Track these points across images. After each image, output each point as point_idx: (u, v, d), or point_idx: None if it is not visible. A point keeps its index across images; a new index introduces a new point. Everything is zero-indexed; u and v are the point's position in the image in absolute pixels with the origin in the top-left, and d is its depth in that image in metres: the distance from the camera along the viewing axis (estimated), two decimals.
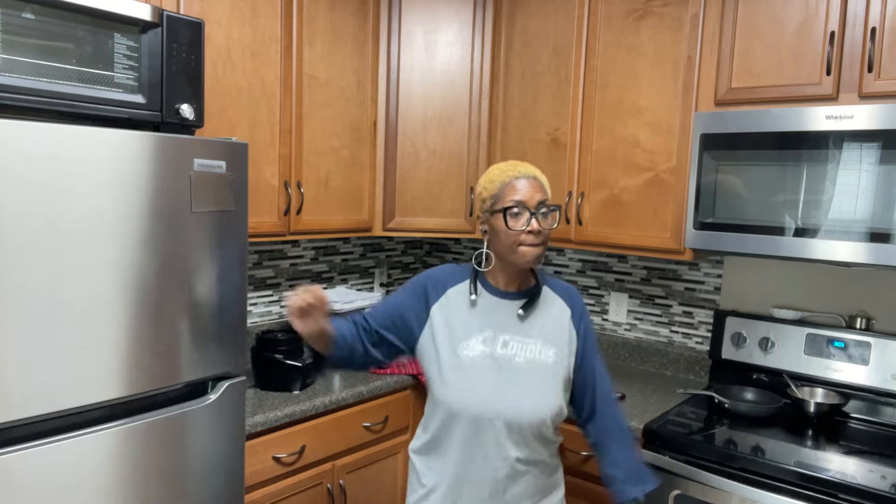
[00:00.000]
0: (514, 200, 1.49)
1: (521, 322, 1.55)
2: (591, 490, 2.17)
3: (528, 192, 1.49)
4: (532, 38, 2.60)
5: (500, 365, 1.50)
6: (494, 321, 1.55)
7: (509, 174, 1.53)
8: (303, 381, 2.23)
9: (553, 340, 1.55)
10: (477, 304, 1.57)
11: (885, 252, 1.81)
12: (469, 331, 1.53)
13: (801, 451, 1.90)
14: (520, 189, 1.50)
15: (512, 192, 1.50)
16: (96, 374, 1.50)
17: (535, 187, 1.51)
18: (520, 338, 1.54)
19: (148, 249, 1.57)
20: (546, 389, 1.50)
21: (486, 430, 1.48)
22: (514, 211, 1.48)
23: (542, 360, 1.52)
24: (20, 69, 1.43)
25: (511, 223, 1.48)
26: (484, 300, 1.57)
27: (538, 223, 1.48)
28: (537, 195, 1.50)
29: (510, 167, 1.54)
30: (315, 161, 2.43)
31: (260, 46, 2.19)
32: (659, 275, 2.71)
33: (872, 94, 1.90)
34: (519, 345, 1.53)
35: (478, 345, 1.52)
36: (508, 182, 1.51)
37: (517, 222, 1.48)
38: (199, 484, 1.73)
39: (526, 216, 1.48)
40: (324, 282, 2.94)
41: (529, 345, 1.53)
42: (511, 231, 1.48)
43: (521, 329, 1.55)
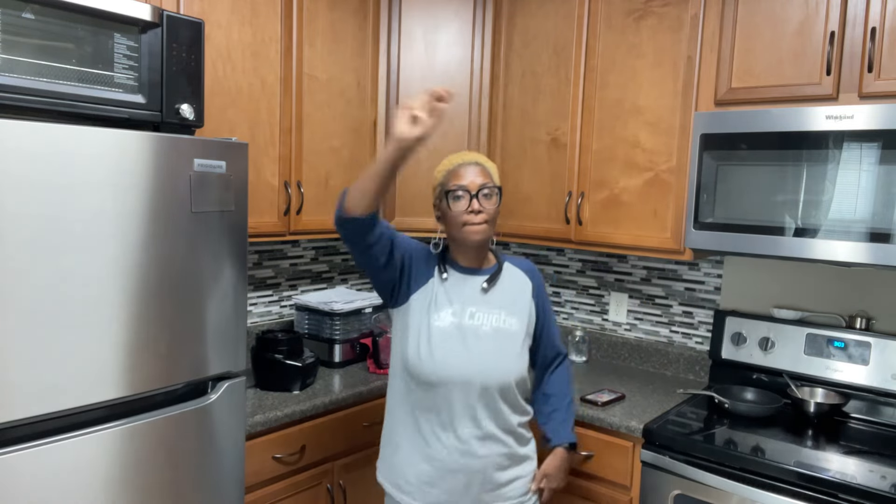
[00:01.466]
0: (456, 185, 1.65)
1: (485, 294, 1.71)
2: (592, 490, 2.18)
3: (470, 177, 1.65)
4: (532, 38, 2.60)
5: (467, 334, 1.65)
6: (460, 296, 1.69)
7: (455, 162, 1.70)
8: (303, 381, 2.23)
9: (516, 310, 1.72)
10: (447, 281, 1.72)
11: (885, 252, 1.81)
12: (439, 304, 1.68)
13: (801, 451, 1.90)
14: (462, 174, 1.66)
15: (455, 178, 1.66)
16: (96, 374, 1.50)
17: (476, 172, 1.66)
18: (486, 308, 1.69)
19: (148, 249, 1.57)
20: (510, 353, 1.66)
21: (457, 394, 1.62)
22: (458, 194, 1.64)
23: (506, 328, 1.68)
24: (20, 69, 1.43)
25: (453, 205, 1.65)
26: (453, 277, 1.72)
27: (479, 203, 1.63)
28: (478, 179, 1.65)
29: (457, 156, 1.71)
30: (315, 161, 2.43)
31: (260, 46, 2.19)
32: (659, 275, 2.71)
33: (872, 94, 1.90)
34: (485, 315, 1.68)
35: (447, 316, 1.66)
36: (453, 169, 1.68)
37: (458, 204, 1.64)
38: (199, 484, 1.73)
39: (467, 198, 1.64)
40: (324, 282, 2.94)
41: (494, 314, 1.69)
42: (453, 212, 1.65)
43: (485, 301, 1.70)
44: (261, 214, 2.25)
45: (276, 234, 2.30)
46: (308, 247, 2.85)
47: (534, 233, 2.63)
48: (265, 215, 2.26)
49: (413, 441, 1.68)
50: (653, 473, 2.02)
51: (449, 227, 1.69)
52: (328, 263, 2.95)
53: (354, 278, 3.09)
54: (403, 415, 1.69)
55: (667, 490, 1.99)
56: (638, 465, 2.09)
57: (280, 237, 2.33)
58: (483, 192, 1.65)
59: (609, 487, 2.15)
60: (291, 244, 2.78)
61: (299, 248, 2.82)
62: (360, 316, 2.62)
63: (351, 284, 3.07)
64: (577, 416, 2.18)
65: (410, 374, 1.66)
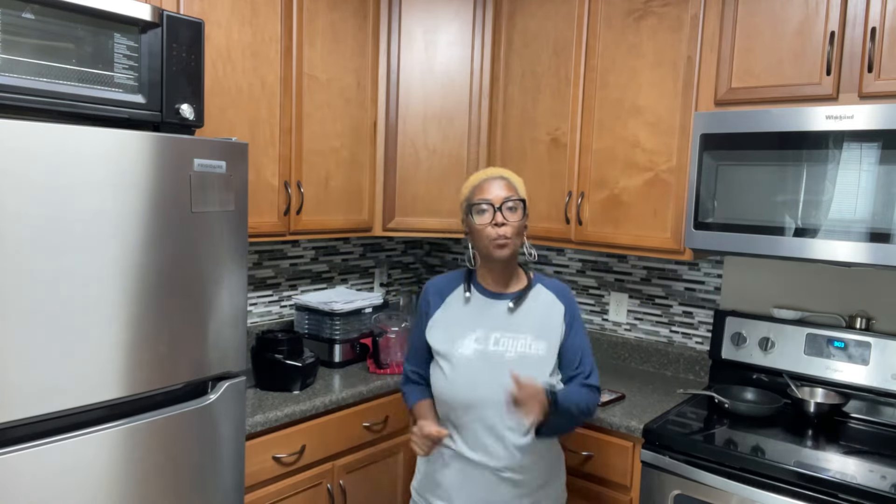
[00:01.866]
0: (480, 199, 1.67)
1: (511, 317, 1.69)
2: (592, 490, 2.18)
3: (494, 191, 1.67)
4: (532, 38, 2.60)
5: (491, 361, 1.64)
6: (485, 320, 1.69)
7: (480, 177, 1.72)
8: (303, 381, 2.23)
9: (544, 334, 1.68)
10: (470, 303, 1.73)
11: (885, 252, 1.81)
12: (463, 331, 1.69)
13: (801, 451, 1.90)
14: (486, 189, 1.68)
15: (480, 193, 1.68)
16: (96, 374, 1.50)
17: (500, 186, 1.68)
18: (511, 334, 1.67)
19: (148, 249, 1.57)
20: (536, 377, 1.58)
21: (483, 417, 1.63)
22: (482, 208, 1.66)
23: (533, 353, 1.65)
24: (20, 69, 1.43)
25: (477, 219, 1.66)
26: (476, 300, 1.73)
27: (502, 216, 1.64)
28: (502, 192, 1.67)
29: (483, 172, 1.74)
30: (315, 161, 2.43)
31: (260, 46, 2.19)
32: (659, 275, 2.71)
33: (872, 94, 1.90)
34: (510, 340, 1.66)
35: (471, 343, 1.67)
36: (478, 184, 1.70)
37: (483, 218, 1.65)
38: (199, 484, 1.73)
39: (491, 211, 1.65)
40: (324, 282, 2.94)
41: (520, 339, 1.67)
42: (478, 226, 1.66)
43: (511, 325, 1.68)
44: (261, 214, 2.25)
45: (276, 234, 2.30)
46: (308, 247, 2.85)
47: (534, 233, 2.63)
48: (265, 215, 2.26)
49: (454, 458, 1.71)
50: (653, 473, 2.02)
51: (476, 242, 1.69)
52: (328, 263, 2.95)
53: (354, 278, 3.09)
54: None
55: (667, 490, 1.99)
56: (638, 465, 2.09)
57: (280, 237, 2.33)
58: (507, 204, 1.65)
59: (609, 487, 2.15)
60: (291, 244, 2.78)
61: (299, 248, 2.82)
62: (360, 316, 2.62)
63: (351, 284, 3.07)
64: None
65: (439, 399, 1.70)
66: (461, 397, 1.64)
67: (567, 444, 2.21)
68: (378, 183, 2.70)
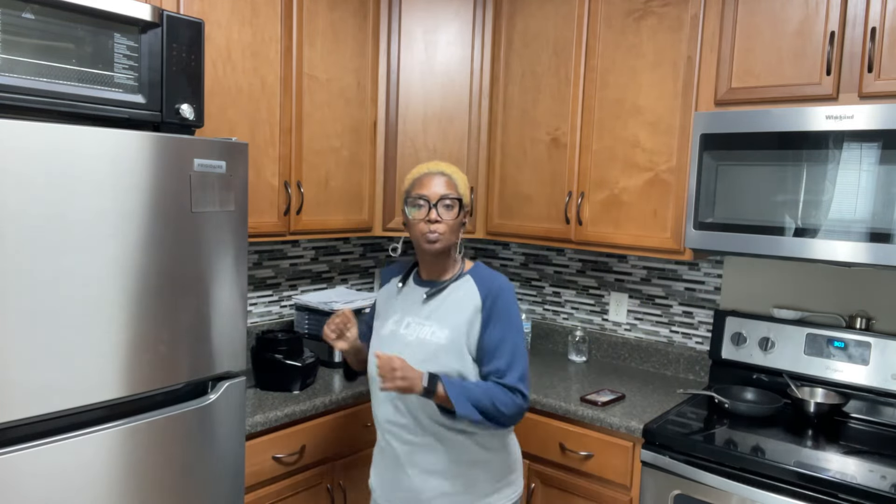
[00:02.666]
0: (417, 193, 1.68)
1: (424, 305, 1.73)
2: (592, 490, 2.18)
3: (433, 188, 1.67)
4: (532, 38, 2.60)
5: (396, 342, 1.71)
6: (407, 306, 1.76)
7: (422, 171, 1.73)
8: (303, 381, 2.23)
9: (449, 323, 1.67)
10: (402, 292, 1.80)
11: (885, 252, 1.81)
12: (389, 313, 1.78)
13: (801, 451, 1.90)
14: (425, 184, 1.68)
15: (419, 187, 1.69)
16: (96, 374, 1.50)
17: (440, 183, 1.68)
18: (419, 320, 1.72)
19: (148, 249, 1.57)
20: (429, 366, 1.64)
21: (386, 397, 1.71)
22: (418, 203, 1.68)
23: (433, 339, 1.67)
24: (20, 69, 1.43)
25: (412, 214, 1.68)
26: (408, 288, 1.79)
27: (436, 213, 1.65)
28: (440, 189, 1.67)
29: (425, 165, 1.75)
30: (315, 161, 2.43)
31: (260, 46, 2.19)
32: (659, 275, 2.70)
33: (872, 94, 1.90)
34: (417, 326, 1.71)
35: (390, 325, 1.76)
36: (419, 178, 1.71)
37: (418, 213, 1.67)
38: (199, 484, 1.73)
39: (426, 208, 1.66)
40: (324, 282, 2.94)
41: (425, 326, 1.70)
42: (412, 220, 1.69)
43: (422, 312, 1.73)
44: (261, 214, 2.25)
45: (276, 234, 2.30)
46: (308, 247, 2.85)
47: (534, 233, 2.63)
48: (265, 215, 2.26)
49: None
50: (653, 473, 2.02)
51: (410, 233, 1.73)
52: (328, 263, 2.95)
53: (354, 278, 3.09)
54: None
55: (667, 490, 1.99)
56: (638, 465, 2.09)
57: (280, 237, 2.33)
58: (444, 202, 1.66)
59: (609, 487, 2.15)
60: (291, 244, 2.78)
61: (299, 248, 2.82)
62: (360, 316, 2.62)
63: (351, 284, 3.07)
64: (576, 416, 2.18)
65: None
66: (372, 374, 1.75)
67: (566, 443, 2.21)
68: (378, 183, 2.70)
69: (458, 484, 1.67)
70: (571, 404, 2.22)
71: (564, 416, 2.23)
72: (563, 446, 2.22)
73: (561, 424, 2.24)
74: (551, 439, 2.25)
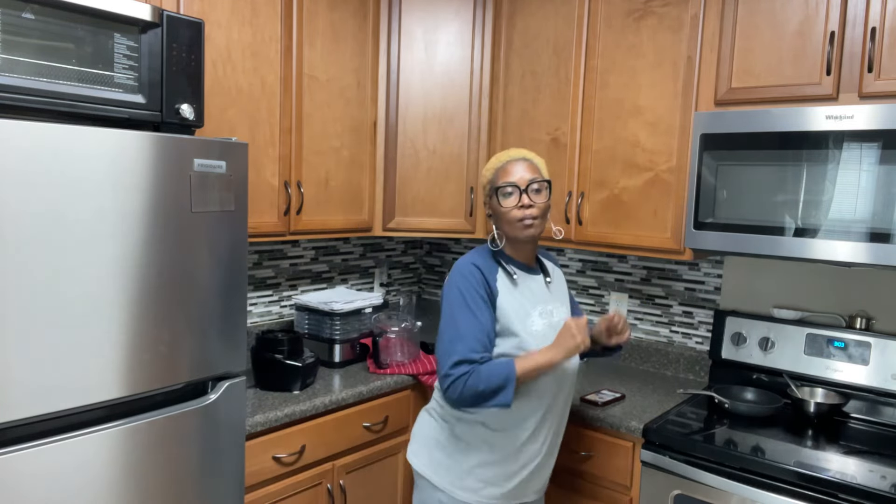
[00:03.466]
0: (505, 181, 1.69)
1: (549, 289, 1.81)
2: (592, 490, 2.18)
3: (519, 173, 1.69)
4: (532, 38, 2.60)
5: (556, 330, 1.75)
6: (536, 296, 1.76)
7: (503, 159, 1.74)
8: (303, 381, 2.23)
9: (564, 301, 1.86)
10: (520, 283, 1.75)
11: (885, 252, 1.81)
12: (525, 309, 1.72)
13: (801, 451, 1.90)
14: (511, 171, 1.70)
15: (504, 175, 1.71)
16: (96, 374, 1.50)
17: (525, 168, 1.70)
18: (554, 304, 1.80)
19: (148, 249, 1.57)
20: None
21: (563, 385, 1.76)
22: (507, 191, 1.69)
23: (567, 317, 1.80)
24: (20, 69, 1.43)
25: (503, 202, 1.69)
26: (521, 278, 1.76)
27: (528, 198, 1.68)
28: (527, 175, 1.69)
29: (505, 154, 1.76)
30: (315, 161, 2.43)
31: (260, 46, 2.19)
32: (659, 275, 2.71)
33: (872, 94, 1.90)
34: (556, 310, 1.79)
35: (538, 319, 1.73)
36: (501, 166, 1.73)
37: (508, 200, 1.69)
38: (199, 484, 1.73)
39: (517, 194, 1.68)
40: (324, 282, 2.94)
41: (561, 308, 1.81)
42: (504, 208, 1.69)
43: (551, 297, 1.80)
44: (261, 214, 2.25)
45: (276, 234, 2.30)
46: (308, 247, 2.85)
47: None
48: (265, 215, 2.26)
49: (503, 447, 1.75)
50: (653, 473, 2.02)
51: (501, 224, 1.73)
52: (328, 263, 2.95)
53: (354, 278, 3.09)
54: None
55: (667, 490, 1.99)
56: (638, 465, 2.09)
57: (280, 237, 2.33)
58: (533, 186, 1.69)
59: (609, 487, 2.15)
60: (291, 244, 2.78)
61: (299, 248, 2.82)
62: (360, 316, 2.62)
63: (351, 284, 3.07)
64: (577, 417, 2.18)
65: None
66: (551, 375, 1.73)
67: (566, 443, 2.21)
68: (378, 183, 2.70)
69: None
70: (571, 404, 2.22)
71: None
72: (564, 445, 2.22)
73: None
74: None
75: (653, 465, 2.01)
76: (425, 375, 2.48)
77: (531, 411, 1.72)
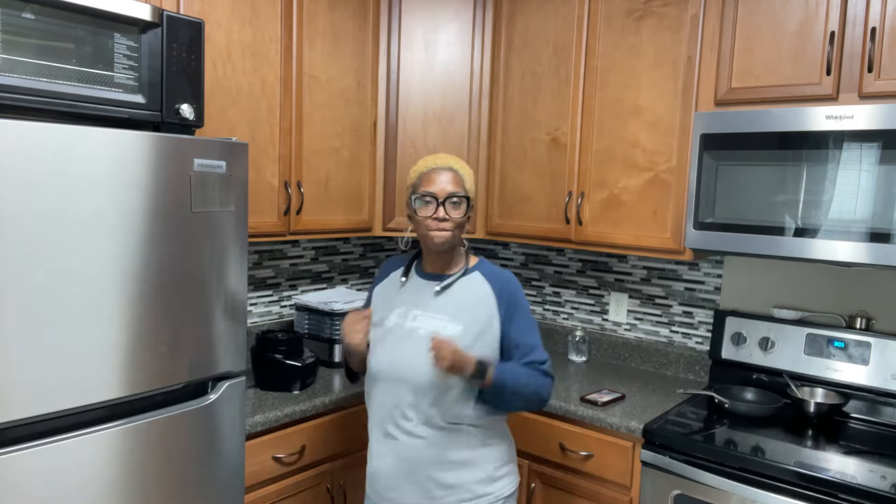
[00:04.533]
0: (425, 190, 1.67)
1: (436, 299, 1.72)
2: (592, 490, 2.18)
3: (441, 184, 1.67)
4: (532, 38, 2.60)
5: (405, 334, 1.70)
6: (413, 299, 1.75)
7: (429, 164, 1.71)
8: (303, 381, 2.23)
9: (462, 318, 1.68)
10: (406, 285, 1.78)
11: (885, 252, 1.81)
12: (392, 306, 1.76)
13: (801, 451, 1.90)
14: (433, 180, 1.67)
15: (426, 182, 1.68)
16: (96, 374, 1.50)
17: (448, 179, 1.67)
18: (429, 313, 1.71)
19: (148, 249, 1.57)
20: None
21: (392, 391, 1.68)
22: (425, 199, 1.67)
23: (445, 333, 1.67)
24: (20, 69, 1.43)
25: (420, 210, 1.68)
26: (412, 282, 1.78)
27: (444, 211, 1.65)
28: (449, 187, 1.66)
29: (432, 159, 1.72)
30: (315, 161, 2.43)
31: (260, 46, 2.19)
32: (659, 275, 2.71)
33: (872, 94, 1.90)
34: (426, 319, 1.70)
35: (394, 318, 1.74)
36: (426, 172, 1.70)
37: (425, 209, 1.67)
38: (199, 484, 1.73)
39: (434, 205, 1.66)
40: (324, 282, 2.94)
41: (435, 319, 1.70)
42: (419, 216, 1.68)
43: (433, 306, 1.72)
44: (261, 214, 2.25)
45: (276, 234, 2.30)
46: (308, 247, 2.85)
47: (534, 233, 2.63)
48: (265, 215, 2.26)
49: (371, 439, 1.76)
50: (653, 473, 2.02)
51: (416, 229, 1.73)
52: (328, 263, 2.95)
53: (354, 278, 3.09)
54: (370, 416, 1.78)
55: (667, 490, 1.99)
56: (638, 465, 2.09)
57: (280, 237, 2.33)
58: (452, 200, 1.67)
59: (609, 487, 2.15)
60: (291, 244, 2.78)
61: (299, 248, 2.82)
62: None
63: (351, 284, 3.07)
64: (576, 416, 2.19)
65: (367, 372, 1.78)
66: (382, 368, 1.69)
67: (566, 442, 2.21)
68: (378, 183, 2.70)
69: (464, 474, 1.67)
70: (571, 404, 2.22)
71: (564, 416, 2.23)
72: (563, 446, 2.22)
73: (561, 424, 2.24)
74: (551, 439, 2.25)
75: (653, 465, 2.01)
76: None
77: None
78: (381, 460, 1.71)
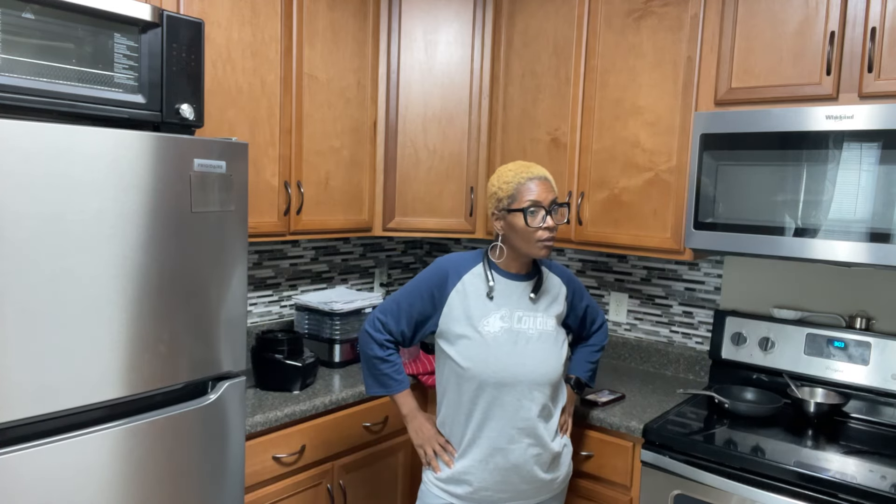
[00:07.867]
0: (530, 201, 1.71)
1: (530, 299, 1.81)
2: (592, 490, 2.18)
3: (542, 193, 1.72)
4: (532, 38, 2.60)
5: (519, 337, 1.75)
6: (509, 301, 1.79)
7: (523, 175, 1.74)
8: (303, 381, 2.23)
9: (552, 311, 1.84)
10: (496, 289, 1.80)
11: (885, 252, 1.81)
12: (487, 310, 1.76)
13: (801, 451, 1.90)
14: (534, 190, 1.72)
15: (528, 193, 1.72)
16: (96, 375, 1.50)
17: (546, 188, 1.74)
18: (532, 313, 1.80)
19: (148, 249, 1.57)
20: (554, 352, 1.78)
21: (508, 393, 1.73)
22: (532, 210, 1.71)
23: (549, 330, 1.80)
24: (20, 69, 1.43)
25: (530, 221, 1.71)
26: (499, 284, 1.80)
27: (552, 220, 1.73)
28: (550, 195, 1.74)
29: (523, 169, 1.76)
30: (315, 161, 2.43)
31: (260, 46, 2.19)
32: (659, 275, 2.71)
33: (872, 94, 1.90)
34: (531, 319, 1.79)
35: (497, 321, 1.75)
36: (523, 183, 1.73)
37: (535, 220, 1.72)
38: (199, 484, 1.73)
39: (542, 214, 1.72)
40: (324, 282, 2.94)
41: (538, 318, 1.80)
42: (530, 228, 1.71)
43: (531, 306, 1.81)
44: (261, 214, 2.25)
45: (276, 234, 2.31)
46: (308, 247, 2.85)
47: None
48: (265, 215, 2.26)
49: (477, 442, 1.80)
50: (653, 473, 2.02)
51: (516, 239, 1.75)
52: (328, 263, 2.95)
53: (354, 278, 3.09)
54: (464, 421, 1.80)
55: (667, 490, 1.99)
56: (638, 465, 2.09)
57: (280, 237, 2.33)
58: (554, 208, 1.74)
59: (609, 487, 2.15)
60: (291, 244, 2.78)
61: (299, 248, 2.82)
62: (360, 316, 2.62)
63: (351, 284, 3.07)
64: (576, 417, 2.18)
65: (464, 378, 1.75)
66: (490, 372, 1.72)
67: None
68: (378, 183, 2.70)
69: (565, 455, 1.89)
70: None
71: None
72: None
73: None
74: None
75: (653, 465, 2.01)
76: (425, 375, 2.48)
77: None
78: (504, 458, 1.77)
